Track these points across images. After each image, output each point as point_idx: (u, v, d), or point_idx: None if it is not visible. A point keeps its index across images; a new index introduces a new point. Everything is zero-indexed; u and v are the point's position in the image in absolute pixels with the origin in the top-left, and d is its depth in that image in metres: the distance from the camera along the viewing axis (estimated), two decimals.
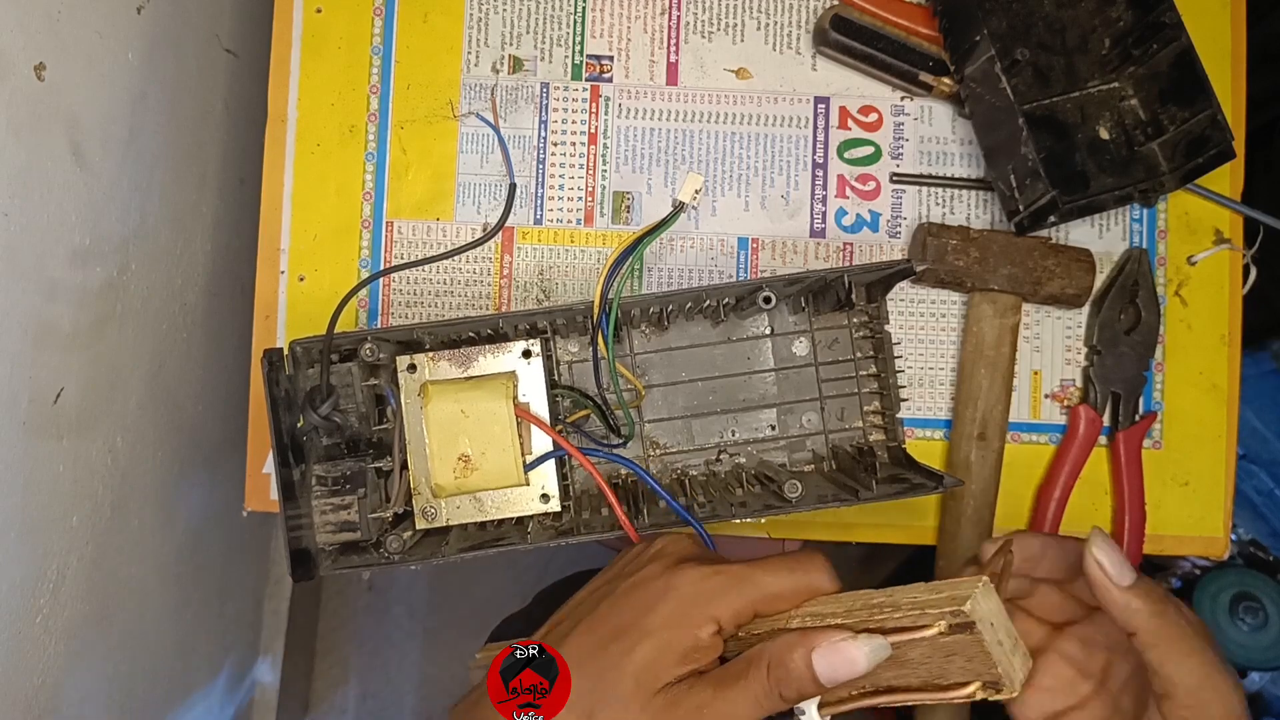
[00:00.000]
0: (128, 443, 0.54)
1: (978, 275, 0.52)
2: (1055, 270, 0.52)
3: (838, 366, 0.50)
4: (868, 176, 0.55)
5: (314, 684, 1.15)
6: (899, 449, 0.49)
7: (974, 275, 0.52)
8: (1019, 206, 0.50)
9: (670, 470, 0.51)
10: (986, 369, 0.53)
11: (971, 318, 0.53)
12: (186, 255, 0.60)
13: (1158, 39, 0.50)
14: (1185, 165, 0.51)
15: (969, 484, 0.52)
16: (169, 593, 0.64)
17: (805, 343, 0.51)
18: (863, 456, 0.49)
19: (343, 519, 0.45)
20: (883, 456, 0.49)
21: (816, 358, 0.51)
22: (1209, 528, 0.55)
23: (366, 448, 0.48)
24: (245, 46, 0.65)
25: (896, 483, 0.46)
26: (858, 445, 0.50)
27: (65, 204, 0.45)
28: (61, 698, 0.49)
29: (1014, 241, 0.52)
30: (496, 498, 0.46)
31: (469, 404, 0.45)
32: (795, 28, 0.55)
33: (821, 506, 0.47)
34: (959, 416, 0.54)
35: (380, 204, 0.54)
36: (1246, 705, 0.34)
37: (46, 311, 0.44)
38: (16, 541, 0.43)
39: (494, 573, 1.16)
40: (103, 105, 0.48)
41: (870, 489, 0.45)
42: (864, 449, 0.49)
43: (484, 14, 0.55)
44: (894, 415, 0.49)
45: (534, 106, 0.55)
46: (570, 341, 0.51)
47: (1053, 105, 0.51)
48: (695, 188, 0.47)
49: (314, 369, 0.47)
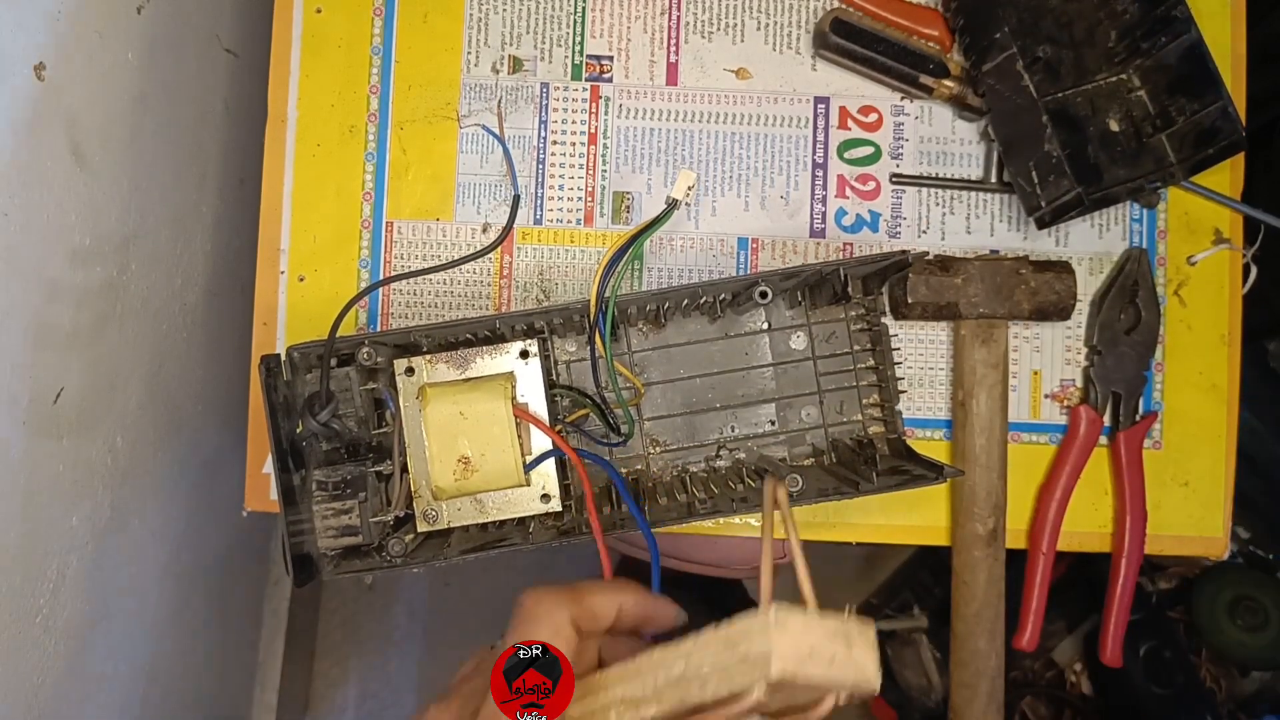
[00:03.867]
0: (128, 442, 0.54)
1: (964, 305, 0.52)
2: (1038, 288, 0.52)
3: (836, 360, 0.51)
4: (867, 177, 0.55)
5: (314, 684, 1.15)
6: (899, 440, 0.49)
7: (960, 304, 0.52)
8: (1040, 203, 0.50)
9: (671, 467, 0.51)
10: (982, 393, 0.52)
11: (959, 345, 0.53)
12: (186, 255, 0.60)
13: (1167, 32, 0.50)
14: (1195, 156, 0.50)
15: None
16: (168, 592, 0.64)
17: (803, 337, 0.51)
18: (862, 449, 0.49)
19: (344, 523, 0.45)
20: (882, 449, 0.49)
21: (814, 352, 0.51)
22: (1209, 528, 0.55)
23: (366, 451, 0.48)
24: (245, 46, 0.65)
25: (897, 474, 0.46)
26: (857, 438, 0.50)
27: (65, 204, 0.45)
28: (61, 697, 0.49)
29: (993, 265, 0.52)
30: (497, 499, 0.46)
31: (467, 406, 0.45)
32: (795, 28, 0.55)
33: (822, 500, 0.47)
34: (959, 443, 0.54)
35: (380, 204, 0.54)
36: None
37: (46, 311, 0.44)
38: (17, 541, 0.43)
39: (494, 573, 1.16)
40: (103, 105, 0.48)
41: (871, 481, 0.45)
42: (864, 441, 0.49)
43: (484, 14, 0.55)
44: (893, 407, 0.49)
45: (534, 107, 0.55)
46: (568, 341, 0.51)
47: (1065, 99, 0.51)
48: (688, 184, 0.47)
49: (312, 374, 0.47)
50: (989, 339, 0.52)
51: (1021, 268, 0.52)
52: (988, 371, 0.52)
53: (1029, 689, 0.90)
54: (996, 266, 0.52)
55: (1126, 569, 0.54)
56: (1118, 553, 0.54)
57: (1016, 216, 0.55)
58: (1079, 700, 0.90)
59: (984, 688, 0.53)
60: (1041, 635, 0.56)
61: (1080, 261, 0.55)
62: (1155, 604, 0.83)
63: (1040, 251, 0.55)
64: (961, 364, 0.53)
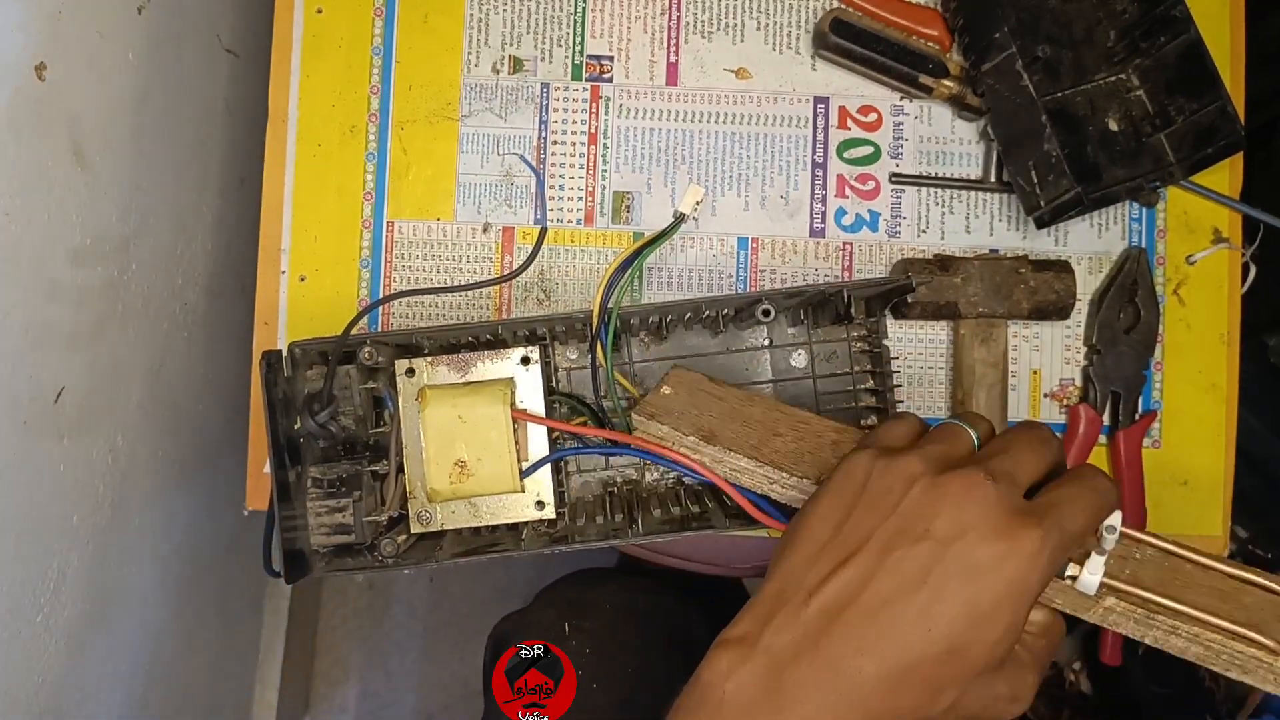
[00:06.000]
0: (128, 442, 0.54)
1: (964, 304, 0.52)
2: (1037, 287, 0.52)
3: (835, 380, 0.51)
4: (867, 176, 0.55)
5: (314, 684, 1.15)
6: None
7: (959, 304, 0.52)
8: (1040, 202, 0.50)
9: (666, 479, 0.51)
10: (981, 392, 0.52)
11: (959, 344, 0.53)
12: (187, 255, 0.60)
13: (1166, 32, 0.50)
14: (1194, 156, 0.51)
15: None
16: (169, 592, 0.64)
17: (803, 355, 0.51)
18: None
19: (337, 521, 0.45)
20: None
21: (814, 370, 0.51)
22: (1208, 527, 0.55)
23: (363, 450, 0.48)
24: (246, 47, 0.65)
25: None
26: None
27: (65, 204, 0.45)
28: (62, 696, 0.49)
29: (992, 265, 0.52)
30: (491, 503, 0.46)
31: (467, 409, 0.45)
32: (795, 28, 0.55)
33: None
34: None
35: (381, 204, 0.54)
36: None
37: (47, 311, 0.44)
38: (17, 540, 0.43)
39: (494, 572, 1.16)
40: (103, 105, 0.48)
41: None
42: None
43: (484, 14, 0.55)
44: None
45: (534, 107, 0.55)
46: (569, 348, 0.51)
47: (1064, 99, 0.51)
48: (696, 199, 0.47)
49: (313, 370, 0.47)
50: (988, 338, 0.52)
51: (1021, 267, 0.52)
52: (987, 370, 0.52)
53: None
54: (996, 266, 0.52)
55: None
56: None
57: (1016, 216, 0.55)
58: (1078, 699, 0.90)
59: None
60: None
61: (1079, 261, 0.55)
62: None
63: (1040, 251, 0.55)
64: (961, 363, 0.53)
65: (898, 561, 0.31)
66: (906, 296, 0.51)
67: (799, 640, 0.31)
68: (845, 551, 0.32)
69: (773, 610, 0.32)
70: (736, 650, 0.31)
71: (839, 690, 0.30)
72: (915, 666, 0.30)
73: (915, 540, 0.31)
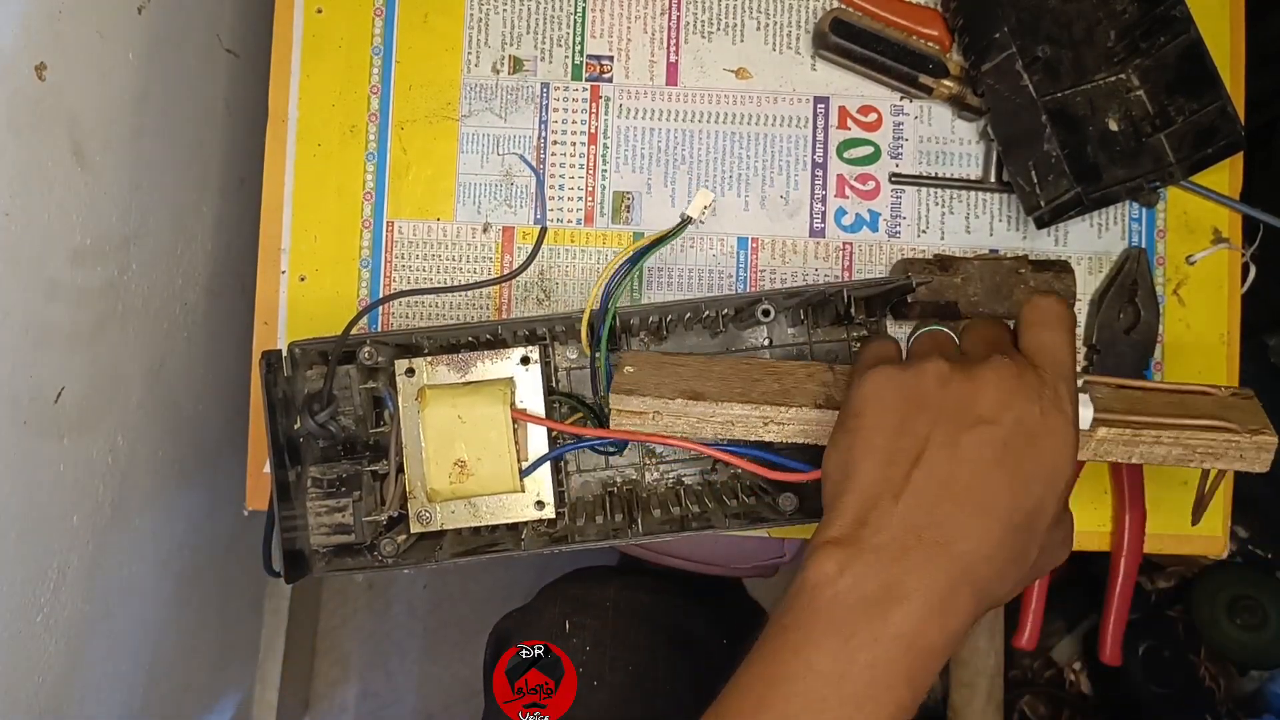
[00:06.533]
0: (128, 442, 0.54)
1: (964, 304, 0.52)
2: (1037, 287, 0.52)
3: None
4: (867, 176, 0.55)
5: (314, 684, 1.15)
6: None
7: (960, 304, 0.52)
8: (1040, 202, 0.50)
9: (666, 479, 0.51)
10: None
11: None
12: (187, 255, 0.60)
13: (1166, 32, 0.50)
14: (1194, 156, 0.51)
15: None
16: (169, 592, 0.64)
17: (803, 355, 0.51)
18: None
19: (337, 521, 0.45)
20: None
21: None
22: (1208, 527, 0.55)
23: (363, 450, 0.48)
24: (246, 46, 0.65)
25: None
26: None
27: (65, 204, 0.45)
28: (62, 696, 0.49)
29: (992, 264, 0.52)
30: (491, 503, 0.46)
31: (466, 409, 0.45)
32: (795, 28, 0.55)
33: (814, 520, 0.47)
34: None
35: (381, 204, 0.54)
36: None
37: (47, 311, 0.44)
38: (17, 540, 0.43)
39: (494, 572, 1.16)
40: (103, 105, 0.48)
41: None
42: None
43: (484, 14, 0.55)
44: None
45: (534, 106, 0.55)
46: (569, 348, 0.51)
47: (1064, 99, 0.51)
48: (705, 203, 0.47)
49: (313, 370, 0.47)
50: None
51: (1021, 267, 0.52)
52: None
53: (1028, 688, 0.90)
54: (996, 266, 0.52)
55: (1126, 568, 0.54)
56: (1117, 552, 0.54)
57: (1016, 216, 0.55)
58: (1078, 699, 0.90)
59: (983, 686, 0.54)
60: (1041, 634, 0.56)
61: (1079, 261, 0.55)
62: (1154, 603, 0.83)
63: (1039, 251, 0.55)
64: None
65: (967, 448, 0.34)
66: (906, 296, 0.51)
67: (900, 535, 0.33)
68: (914, 451, 0.34)
69: (863, 514, 0.34)
70: (843, 550, 0.33)
71: (949, 572, 0.32)
72: (1011, 533, 0.33)
73: (972, 426, 0.34)
